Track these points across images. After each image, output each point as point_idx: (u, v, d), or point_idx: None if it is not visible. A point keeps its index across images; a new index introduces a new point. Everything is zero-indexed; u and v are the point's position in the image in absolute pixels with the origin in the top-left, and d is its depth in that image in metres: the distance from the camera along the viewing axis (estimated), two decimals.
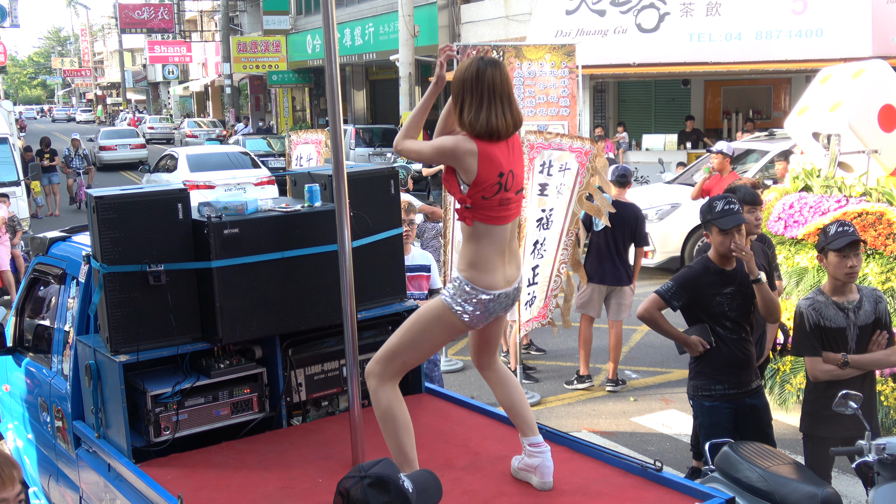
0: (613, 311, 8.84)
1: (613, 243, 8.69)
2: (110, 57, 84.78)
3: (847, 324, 5.02)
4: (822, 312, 5.04)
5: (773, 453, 4.52)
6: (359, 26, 30.81)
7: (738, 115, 22.50)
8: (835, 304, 5.04)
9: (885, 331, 5.08)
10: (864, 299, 5.07)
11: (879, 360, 5.09)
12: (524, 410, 4.03)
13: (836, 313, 5.03)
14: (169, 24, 49.58)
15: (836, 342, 5.02)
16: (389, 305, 4.96)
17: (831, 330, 5.02)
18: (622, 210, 8.57)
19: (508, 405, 4.06)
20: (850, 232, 4.95)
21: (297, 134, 9.76)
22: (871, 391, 5.13)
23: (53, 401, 5.10)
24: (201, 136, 41.99)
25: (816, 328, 5.03)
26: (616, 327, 8.82)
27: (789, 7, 17.69)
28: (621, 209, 8.53)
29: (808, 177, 8.16)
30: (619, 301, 8.81)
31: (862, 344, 5.05)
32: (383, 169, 4.99)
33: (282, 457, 4.33)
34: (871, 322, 5.05)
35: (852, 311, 5.03)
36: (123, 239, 4.19)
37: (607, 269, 8.70)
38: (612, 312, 8.85)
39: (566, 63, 11.44)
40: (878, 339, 5.05)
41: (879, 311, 5.08)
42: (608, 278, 8.71)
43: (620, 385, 8.78)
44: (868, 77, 8.62)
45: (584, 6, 19.52)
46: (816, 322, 5.03)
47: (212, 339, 4.40)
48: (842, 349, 5.01)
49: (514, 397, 4.04)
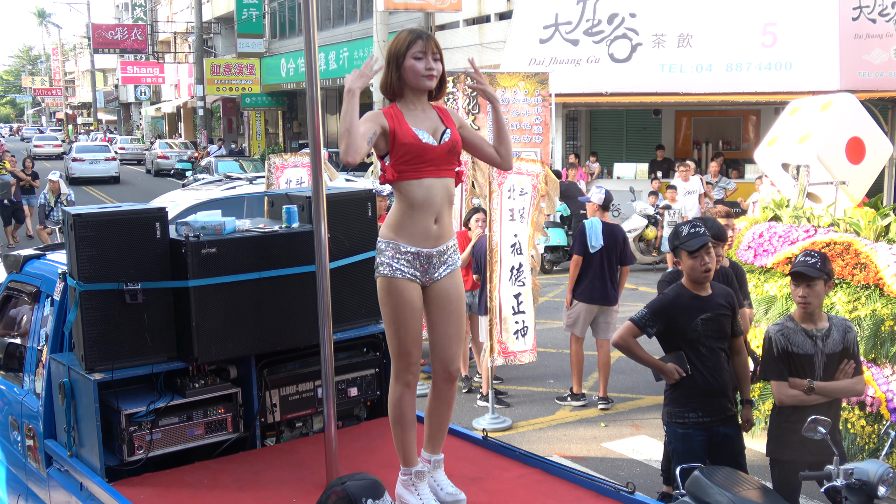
0: (602, 331, 9.05)
1: (607, 263, 8.94)
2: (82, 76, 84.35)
3: (815, 351, 5.11)
4: (790, 338, 5.12)
5: (744, 478, 4.57)
6: (333, 51, 30.92)
7: (708, 146, 22.75)
8: (804, 331, 5.13)
9: (853, 360, 5.17)
10: (833, 328, 5.16)
11: (845, 389, 5.19)
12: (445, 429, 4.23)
13: (805, 340, 5.11)
14: (142, 44, 49.46)
15: (804, 368, 5.11)
16: (365, 327, 4.99)
17: (799, 356, 5.11)
18: (612, 230, 8.98)
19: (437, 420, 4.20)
20: (701, 233, 5.07)
21: (282, 157, 9.78)
22: (835, 417, 5.23)
23: (25, 419, 5.06)
24: (173, 157, 41.79)
25: (784, 353, 5.12)
26: (605, 346, 9.01)
27: (759, 40, 17.96)
28: (611, 230, 8.96)
29: (778, 207, 8.28)
30: (606, 320, 9.04)
31: (829, 371, 5.13)
32: (361, 191, 5.04)
33: (256, 477, 4.33)
34: (839, 351, 5.14)
35: (821, 338, 5.12)
36: (101, 257, 4.19)
37: (599, 289, 8.93)
38: (601, 332, 9.05)
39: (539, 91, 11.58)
40: (845, 367, 5.14)
41: (848, 341, 5.17)
42: (599, 298, 8.95)
43: (611, 403, 8.97)
44: (836, 110, 8.77)
45: (558, 35, 19.72)
46: (784, 347, 5.12)
47: (187, 358, 4.40)
48: (809, 375, 5.10)
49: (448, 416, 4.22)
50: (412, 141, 3.87)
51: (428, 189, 3.92)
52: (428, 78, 3.95)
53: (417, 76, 3.93)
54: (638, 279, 15.91)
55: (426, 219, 3.93)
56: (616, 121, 24.49)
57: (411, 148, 3.87)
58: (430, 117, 4.02)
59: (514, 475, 4.31)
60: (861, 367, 5.28)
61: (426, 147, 3.90)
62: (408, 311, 3.97)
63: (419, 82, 3.94)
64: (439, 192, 3.95)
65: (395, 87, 3.98)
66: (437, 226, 3.97)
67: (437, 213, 3.97)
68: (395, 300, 3.95)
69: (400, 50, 3.94)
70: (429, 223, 3.94)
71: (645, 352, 5.35)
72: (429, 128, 3.96)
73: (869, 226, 7.16)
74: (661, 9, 18.86)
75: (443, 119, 4.05)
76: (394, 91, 4.00)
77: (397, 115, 3.94)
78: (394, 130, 3.87)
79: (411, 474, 4.02)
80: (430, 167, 3.91)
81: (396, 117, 3.92)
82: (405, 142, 3.87)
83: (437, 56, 3.98)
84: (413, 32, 3.97)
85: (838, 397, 5.25)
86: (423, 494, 3.98)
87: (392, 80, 3.97)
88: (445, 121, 4.05)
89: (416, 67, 3.92)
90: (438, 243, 3.99)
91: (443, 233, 4.01)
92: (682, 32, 18.66)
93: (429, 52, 3.94)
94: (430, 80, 3.96)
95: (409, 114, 3.97)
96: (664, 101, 20.11)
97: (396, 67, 3.95)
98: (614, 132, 24.66)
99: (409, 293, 3.96)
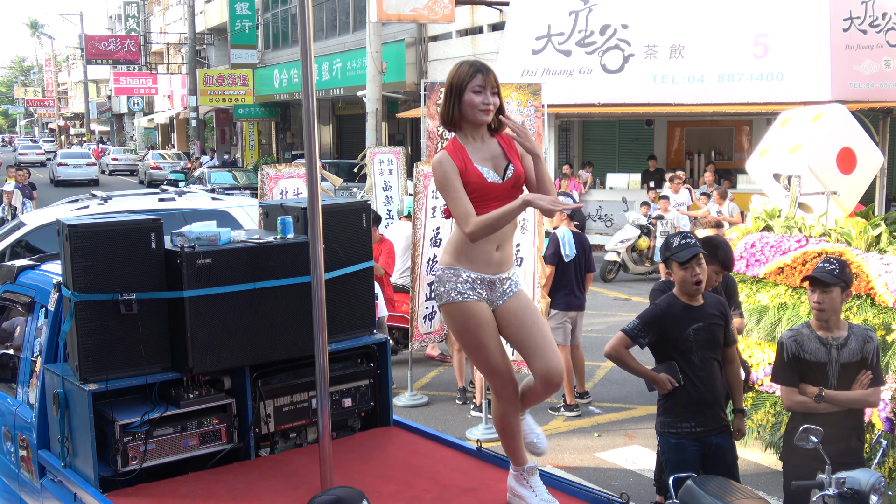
0: (577, 336, 9.28)
1: (578, 271, 9.15)
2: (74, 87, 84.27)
3: (829, 359, 5.08)
4: (803, 345, 5.12)
5: (737, 488, 4.58)
6: (326, 62, 30.96)
7: (700, 156, 22.83)
8: (818, 338, 5.11)
9: (870, 371, 5.12)
10: (851, 337, 5.12)
11: (857, 400, 5.11)
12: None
13: (819, 347, 5.10)
14: (135, 55, 49.48)
15: (815, 376, 5.09)
16: (360, 338, 5.00)
17: (810, 363, 5.10)
18: (580, 239, 9.22)
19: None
20: (692, 244, 5.09)
21: (276, 168, 9.79)
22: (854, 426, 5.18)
23: (18, 430, 5.05)
24: (165, 168, 41.82)
25: (795, 359, 5.12)
26: (579, 350, 9.31)
27: (751, 51, 18.05)
28: (578, 238, 9.19)
29: (769, 217, 8.31)
30: (579, 325, 9.32)
31: (844, 380, 5.08)
32: (356, 202, 5.06)
33: (250, 487, 4.33)
34: (856, 360, 5.09)
35: (836, 347, 5.09)
36: (95, 267, 4.20)
37: (576, 297, 9.16)
38: (576, 337, 9.28)
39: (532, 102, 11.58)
40: (861, 378, 5.09)
41: (867, 351, 5.11)
42: (576, 305, 9.17)
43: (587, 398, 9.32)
44: (827, 120, 8.81)
45: (551, 46, 19.79)
46: (796, 353, 5.12)
47: (182, 368, 4.40)
48: (821, 383, 5.07)
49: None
50: (477, 180, 3.91)
51: None
52: (485, 112, 3.97)
53: (475, 110, 3.95)
54: (631, 289, 15.95)
55: (489, 247, 3.96)
56: (609, 131, 24.56)
57: (477, 187, 3.90)
58: (492, 149, 4.04)
59: (506, 486, 4.31)
60: (881, 379, 5.22)
61: (491, 186, 3.93)
62: (485, 328, 3.98)
63: (476, 116, 3.97)
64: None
65: (456, 118, 4.00)
66: (498, 253, 4.00)
67: (500, 243, 4.00)
68: (470, 322, 3.97)
69: (462, 83, 3.96)
70: (491, 250, 3.97)
71: (637, 362, 5.36)
72: (492, 163, 3.98)
73: (860, 236, 7.20)
74: (653, 20, 18.94)
75: (506, 151, 4.05)
76: (453, 122, 4.02)
77: (461, 151, 3.96)
78: (462, 170, 3.90)
79: (522, 470, 4.11)
80: (495, 203, 3.92)
81: (461, 155, 3.95)
82: (471, 180, 3.90)
83: (496, 90, 4.00)
84: (473, 66, 3.99)
85: (849, 407, 5.16)
86: (535, 486, 4.07)
87: (452, 112, 3.99)
88: (508, 153, 4.05)
89: (474, 101, 3.95)
90: (500, 270, 4.01)
91: (504, 259, 4.03)
92: (674, 43, 18.74)
93: (488, 87, 3.96)
94: (487, 115, 3.98)
95: (471, 148, 3.99)
96: (656, 112, 20.18)
97: (458, 100, 3.97)
98: (607, 143, 24.73)
99: (482, 312, 3.97)
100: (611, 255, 16.86)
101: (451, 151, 3.96)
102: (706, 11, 18.60)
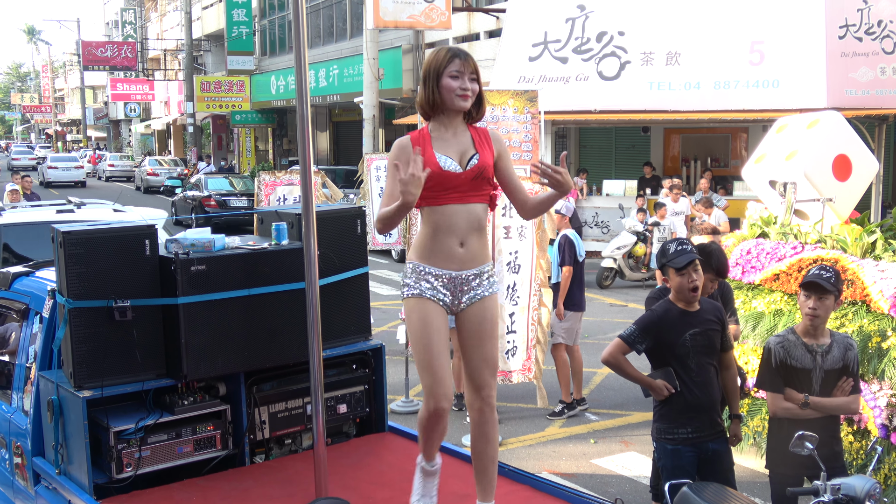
0: (577, 337, 9.40)
1: (583, 272, 9.33)
2: (71, 94, 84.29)
3: (813, 366, 5.12)
4: (790, 351, 5.14)
5: (733, 495, 4.57)
6: (323, 68, 30.98)
7: (696, 163, 22.86)
8: (804, 345, 5.15)
9: (851, 378, 5.18)
10: (834, 344, 5.17)
11: (839, 406, 5.18)
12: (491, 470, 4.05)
13: (804, 354, 5.13)
14: (132, 62, 49.45)
15: (801, 382, 5.13)
16: (354, 344, 5.00)
17: (796, 370, 5.13)
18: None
19: (477, 457, 4.07)
20: (688, 250, 5.10)
21: (274, 175, 9.80)
22: (834, 432, 5.23)
23: (13, 437, 5.05)
24: (162, 174, 41.85)
25: (782, 366, 5.14)
26: (578, 351, 9.36)
27: (747, 58, 18.07)
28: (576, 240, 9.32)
29: (765, 224, 8.32)
30: (580, 326, 9.47)
31: (826, 387, 5.14)
32: (351, 208, 5.05)
33: (245, 494, 4.32)
34: (838, 367, 5.14)
35: (820, 354, 5.13)
36: (90, 274, 4.20)
37: (582, 297, 9.34)
38: (577, 338, 9.40)
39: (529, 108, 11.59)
40: (842, 384, 5.15)
41: (848, 359, 5.17)
42: (583, 305, 9.38)
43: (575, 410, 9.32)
44: (823, 127, 8.82)
45: (547, 53, 19.80)
46: (783, 360, 5.14)
47: (176, 375, 4.40)
48: (805, 390, 5.11)
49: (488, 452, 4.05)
50: (432, 168, 3.78)
51: (451, 216, 3.86)
52: (462, 98, 3.87)
53: (452, 94, 3.86)
54: (627, 296, 15.95)
55: (450, 242, 3.87)
56: (605, 138, 24.58)
57: (431, 175, 3.75)
58: (461, 141, 3.93)
59: (502, 492, 4.31)
60: (859, 386, 5.28)
61: (447, 175, 3.83)
62: (432, 330, 3.87)
63: (453, 101, 3.87)
64: (463, 218, 3.87)
65: (437, 103, 3.90)
66: (462, 249, 3.90)
67: (463, 238, 3.89)
68: (419, 320, 3.88)
69: (438, 68, 3.87)
70: (453, 245, 3.87)
71: (634, 369, 5.35)
72: (456, 153, 3.88)
73: (856, 242, 7.21)
74: (650, 27, 18.96)
75: (476, 143, 3.94)
76: (432, 108, 3.93)
77: (424, 139, 3.89)
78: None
79: (426, 465, 4.09)
80: (453, 194, 3.84)
81: (425, 144, 3.86)
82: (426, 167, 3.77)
83: (475, 76, 3.91)
84: (451, 51, 3.92)
85: (832, 414, 5.24)
86: (426, 488, 4.05)
87: (432, 97, 3.90)
88: (478, 144, 3.94)
89: (451, 85, 3.85)
90: (466, 266, 3.91)
91: (472, 256, 3.92)
92: (670, 50, 18.76)
93: (466, 72, 3.88)
94: (465, 101, 3.89)
95: (437, 137, 3.91)
96: (653, 119, 20.19)
97: (436, 84, 3.88)
98: (603, 149, 24.75)
99: (434, 314, 3.88)
100: (607, 261, 16.87)
101: (415, 138, 3.90)
102: (702, 19, 18.63)
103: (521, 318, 8.26)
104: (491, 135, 4.04)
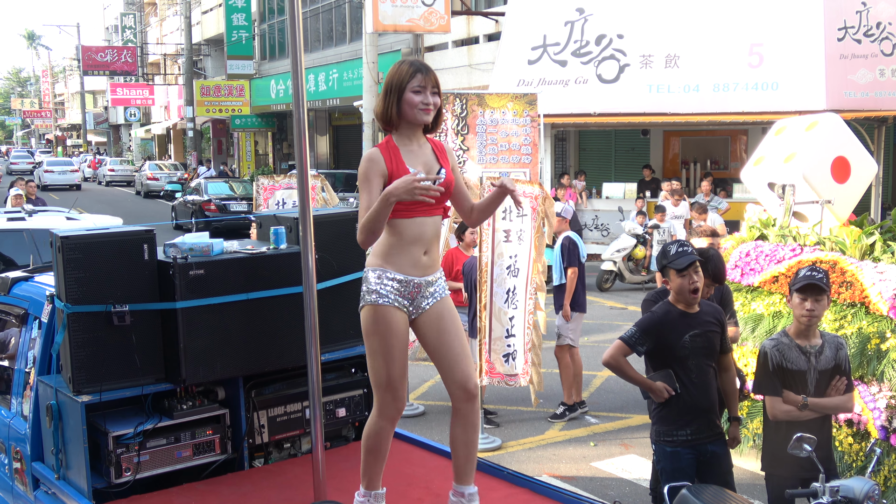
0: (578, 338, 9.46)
1: (584, 274, 9.38)
2: (71, 98, 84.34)
3: (808, 367, 5.14)
4: (785, 354, 5.16)
5: (732, 497, 4.58)
6: (323, 72, 30.99)
7: (696, 165, 22.86)
8: (798, 346, 5.16)
9: (844, 377, 5.21)
10: (826, 345, 5.20)
11: (836, 406, 5.22)
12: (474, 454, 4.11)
13: (799, 356, 5.15)
14: (132, 66, 49.48)
15: (796, 384, 5.14)
16: (353, 348, 5.00)
17: (792, 372, 5.14)
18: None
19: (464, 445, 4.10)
20: (689, 252, 5.11)
21: (273, 179, 9.80)
22: (827, 433, 5.26)
23: (12, 442, 5.04)
24: (162, 178, 41.88)
25: (779, 369, 5.15)
26: (577, 353, 9.38)
27: (746, 61, 18.07)
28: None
29: (764, 226, 8.33)
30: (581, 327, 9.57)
31: (820, 388, 5.16)
32: (349, 212, 5.05)
33: (243, 499, 4.33)
34: (830, 367, 5.18)
35: (814, 355, 5.15)
36: (88, 279, 4.20)
37: (584, 299, 9.40)
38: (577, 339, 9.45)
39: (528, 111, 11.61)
40: (836, 384, 5.18)
41: (839, 358, 5.21)
42: (585, 307, 9.43)
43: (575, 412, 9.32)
44: (821, 130, 8.83)
45: (546, 56, 19.81)
46: (779, 363, 5.15)
47: (175, 379, 4.40)
48: (801, 391, 5.13)
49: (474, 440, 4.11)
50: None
51: (419, 227, 3.94)
52: (424, 112, 3.95)
53: (414, 109, 3.93)
54: (627, 298, 15.95)
55: (416, 251, 3.95)
56: (605, 141, 24.58)
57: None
58: (425, 153, 4.02)
59: (502, 495, 4.32)
60: (852, 385, 5.31)
61: None
62: (395, 339, 3.93)
63: (415, 115, 3.95)
64: (429, 229, 3.98)
65: (394, 118, 3.97)
66: (426, 256, 3.99)
67: (427, 247, 3.99)
68: (382, 328, 3.92)
69: (401, 82, 3.93)
70: (418, 254, 3.96)
71: (635, 371, 5.36)
72: (424, 166, 3.95)
73: (854, 244, 7.22)
74: (648, 30, 18.97)
75: (438, 156, 4.05)
76: (391, 121, 4.00)
77: (394, 152, 3.94)
78: (391, 174, 3.87)
79: (370, 496, 4.03)
80: (422, 206, 3.90)
81: (394, 156, 3.92)
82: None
83: (436, 90, 3.98)
84: (413, 65, 3.97)
85: (830, 413, 5.29)
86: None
87: (391, 111, 3.96)
88: (441, 158, 4.05)
89: (413, 100, 3.93)
90: (427, 273, 4.00)
91: (431, 263, 4.02)
92: (669, 53, 18.77)
93: (428, 87, 3.94)
94: (427, 115, 3.97)
95: (405, 150, 3.97)
96: (652, 122, 20.19)
97: (397, 99, 3.94)
98: (603, 152, 24.75)
99: (397, 322, 3.93)
100: (607, 264, 16.88)
101: (384, 150, 3.95)
102: (701, 21, 18.64)
103: (520, 322, 8.26)
104: (445, 147, 4.16)
